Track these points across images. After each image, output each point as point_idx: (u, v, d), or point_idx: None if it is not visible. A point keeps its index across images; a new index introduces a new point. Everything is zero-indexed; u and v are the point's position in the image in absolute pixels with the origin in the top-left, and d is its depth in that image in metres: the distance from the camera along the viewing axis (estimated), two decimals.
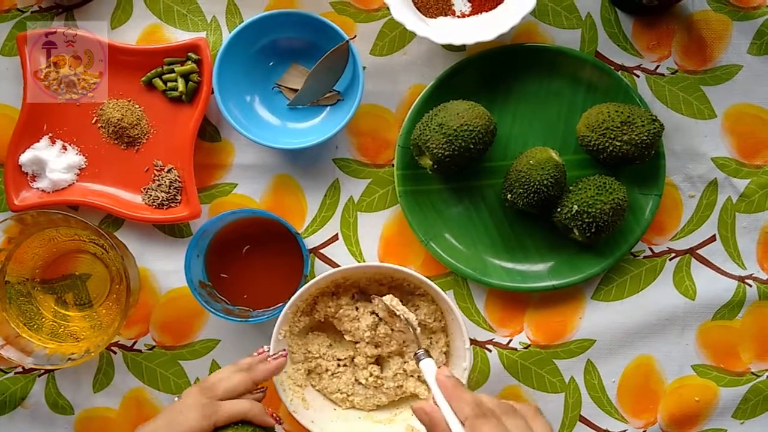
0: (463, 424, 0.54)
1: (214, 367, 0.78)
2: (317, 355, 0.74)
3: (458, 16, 0.76)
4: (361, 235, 0.79)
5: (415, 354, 0.64)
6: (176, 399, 0.64)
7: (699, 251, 0.78)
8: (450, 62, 0.77)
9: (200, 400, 0.62)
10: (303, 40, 0.76)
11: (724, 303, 0.78)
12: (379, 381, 0.74)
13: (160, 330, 0.79)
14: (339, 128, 0.74)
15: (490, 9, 0.76)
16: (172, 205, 0.77)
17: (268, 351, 0.69)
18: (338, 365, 0.74)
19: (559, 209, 0.74)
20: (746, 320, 0.78)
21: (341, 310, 0.73)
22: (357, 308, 0.74)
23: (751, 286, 0.78)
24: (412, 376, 0.74)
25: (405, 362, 0.74)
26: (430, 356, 0.63)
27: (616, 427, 0.78)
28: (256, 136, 0.74)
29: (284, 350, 0.69)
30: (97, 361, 0.79)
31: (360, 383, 0.75)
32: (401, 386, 0.74)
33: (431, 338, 0.75)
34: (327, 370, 0.74)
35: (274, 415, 0.66)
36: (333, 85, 0.77)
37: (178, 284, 0.78)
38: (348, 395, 0.74)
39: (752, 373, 0.79)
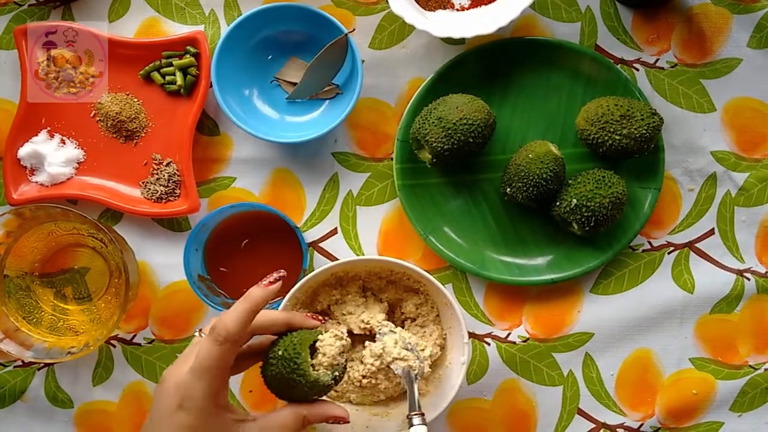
0: None
1: None
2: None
3: (457, 9, 0.76)
4: (360, 228, 0.79)
5: (408, 417, 0.62)
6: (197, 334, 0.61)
7: (698, 245, 0.78)
8: (449, 56, 0.77)
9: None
10: (301, 34, 0.76)
11: (722, 296, 0.78)
12: (374, 381, 0.74)
13: (159, 324, 0.79)
14: (338, 122, 0.73)
15: (490, 2, 0.76)
16: (170, 198, 0.77)
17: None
18: None
19: (558, 203, 0.74)
20: (744, 314, 0.79)
21: (348, 296, 0.73)
22: (365, 298, 0.74)
23: (749, 279, 0.78)
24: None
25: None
26: (424, 423, 0.61)
27: (614, 420, 0.79)
28: (254, 130, 0.74)
29: (281, 272, 0.62)
30: (96, 355, 0.79)
31: (353, 384, 0.74)
32: (399, 383, 0.74)
33: (425, 331, 0.74)
34: None
35: (315, 316, 0.63)
36: (332, 79, 0.76)
37: (177, 278, 0.78)
38: (343, 393, 0.74)
39: (750, 366, 0.79)
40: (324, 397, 0.61)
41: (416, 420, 0.62)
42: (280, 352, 0.59)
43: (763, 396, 0.79)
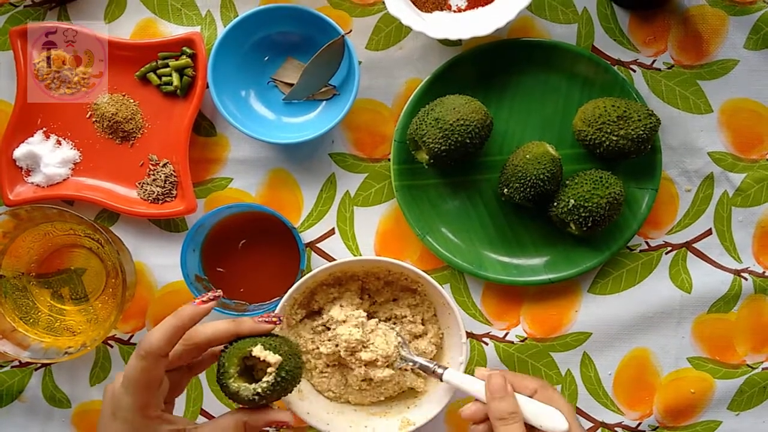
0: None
1: None
2: (305, 350, 0.73)
3: (454, 11, 0.76)
4: (357, 229, 0.79)
5: (435, 372, 0.68)
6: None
7: (695, 245, 0.79)
8: (446, 57, 0.76)
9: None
10: (298, 35, 0.76)
11: (719, 296, 0.78)
12: (372, 383, 0.74)
13: (156, 324, 0.79)
14: (335, 123, 0.73)
15: (486, 4, 0.75)
16: (167, 199, 0.77)
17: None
18: (326, 365, 0.74)
19: (555, 203, 0.74)
20: (742, 313, 0.79)
21: (347, 293, 0.73)
22: (361, 299, 0.74)
23: (746, 279, 0.78)
24: (407, 370, 0.74)
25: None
26: (446, 366, 0.69)
27: (612, 419, 0.79)
28: (251, 131, 0.74)
29: (217, 292, 0.60)
30: (93, 355, 0.79)
31: (350, 386, 0.74)
32: (398, 383, 0.74)
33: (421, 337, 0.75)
34: (316, 368, 0.74)
35: (269, 318, 0.61)
36: (328, 80, 0.76)
37: (174, 278, 0.78)
38: (341, 394, 0.74)
39: (747, 365, 0.79)
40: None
41: (439, 369, 0.68)
42: (219, 362, 0.59)
43: (760, 395, 0.79)
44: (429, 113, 0.72)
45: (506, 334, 0.79)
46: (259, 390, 0.57)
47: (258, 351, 0.58)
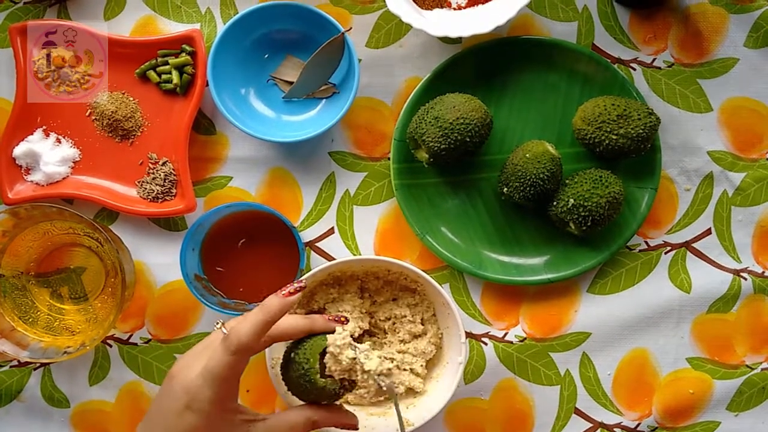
0: None
1: None
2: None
3: (454, 8, 0.76)
4: (357, 228, 0.79)
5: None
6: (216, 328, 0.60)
7: (694, 245, 0.79)
8: (446, 55, 0.76)
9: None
10: (298, 32, 0.76)
11: (719, 296, 0.78)
12: (371, 382, 0.73)
13: (155, 323, 0.79)
14: (334, 121, 0.73)
15: (486, 1, 0.75)
16: (167, 198, 0.77)
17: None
18: None
19: (555, 203, 0.74)
20: (741, 313, 0.79)
21: (347, 295, 0.73)
22: (362, 299, 0.74)
23: (746, 279, 0.78)
24: (406, 369, 0.74)
25: (400, 353, 0.74)
26: None
27: (611, 420, 0.79)
28: (251, 129, 0.74)
29: (302, 282, 0.60)
30: (92, 355, 0.79)
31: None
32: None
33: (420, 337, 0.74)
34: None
35: (338, 318, 0.62)
36: (328, 78, 0.76)
37: (173, 278, 0.78)
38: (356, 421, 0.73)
39: (747, 365, 0.79)
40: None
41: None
42: (293, 356, 0.60)
43: (759, 395, 0.79)
44: (429, 112, 0.71)
45: (505, 334, 0.79)
46: (346, 382, 0.59)
47: (336, 346, 0.59)
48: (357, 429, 0.61)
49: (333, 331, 0.61)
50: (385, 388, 0.61)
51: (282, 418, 0.59)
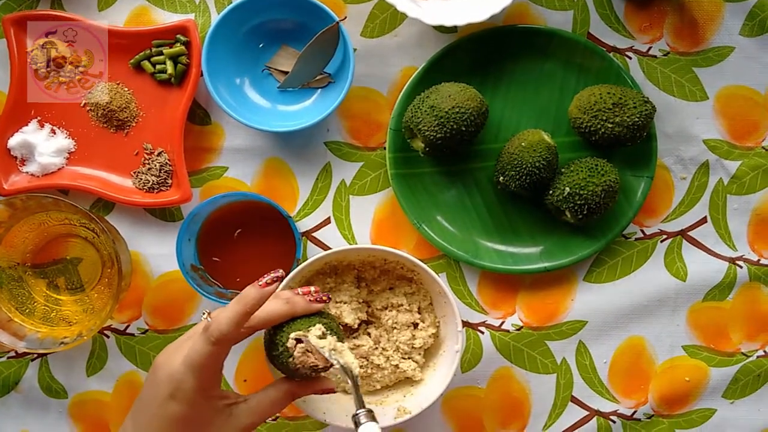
0: None
1: None
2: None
3: None
4: (353, 218, 0.79)
5: (354, 416, 0.59)
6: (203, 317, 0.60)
7: (690, 233, 0.79)
8: (441, 44, 0.76)
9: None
10: (293, 22, 0.76)
11: (714, 284, 0.79)
12: (369, 371, 0.74)
13: (152, 314, 0.79)
14: (330, 111, 0.73)
15: None
16: (162, 188, 0.77)
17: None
18: None
19: (551, 191, 0.74)
20: (737, 301, 0.79)
21: (344, 285, 0.73)
22: (359, 288, 0.74)
23: (741, 267, 0.78)
24: (405, 358, 0.74)
25: (397, 341, 0.74)
26: (374, 419, 0.58)
27: (608, 408, 0.79)
28: (246, 119, 0.74)
29: (279, 272, 0.60)
30: (90, 345, 0.79)
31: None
32: (396, 367, 0.74)
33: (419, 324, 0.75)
34: None
35: (319, 297, 0.62)
36: (323, 68, 0.76)
37: (170, 268, 0.78)
38: (337, 383, 0.74)
39: (742, 353, 0.79)
40: None
41: (363, 418, 0.58)
42: (274, 337, 0.61)
43: (755, 383, 0.79)
44: (424, 101, 0.71)
45: (502, 323, 0.79)
46: (320, 366, 0.60)
47: (312, 336, 0.60)
48: (335, 392, 0.63)
49: (315, 313, 0.62)
50: (337, 366, 0.59)
51: (262, 396, 0.61)
